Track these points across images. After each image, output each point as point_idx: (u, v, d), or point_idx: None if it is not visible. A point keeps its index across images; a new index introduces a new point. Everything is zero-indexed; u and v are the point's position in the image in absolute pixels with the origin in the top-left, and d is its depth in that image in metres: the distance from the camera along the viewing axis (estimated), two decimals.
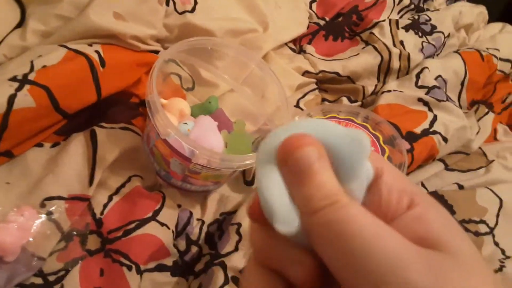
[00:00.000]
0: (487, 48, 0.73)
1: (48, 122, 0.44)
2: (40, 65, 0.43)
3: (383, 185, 0.17)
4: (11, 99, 0.39)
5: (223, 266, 0.42)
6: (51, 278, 0.37)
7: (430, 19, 0.74)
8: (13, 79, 0.41)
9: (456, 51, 0.70)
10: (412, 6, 0.79)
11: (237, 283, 0.41)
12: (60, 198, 0.40)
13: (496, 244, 0.53)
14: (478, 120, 0.66)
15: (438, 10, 0.80)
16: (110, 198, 0.44)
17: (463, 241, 0.16)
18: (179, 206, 0.47)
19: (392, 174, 0.18)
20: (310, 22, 0.75)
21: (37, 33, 0.49)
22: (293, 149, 0.16)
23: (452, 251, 0.15)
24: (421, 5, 0.82)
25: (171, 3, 0.55)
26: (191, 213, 0.48)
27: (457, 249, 0.15)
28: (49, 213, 0.39)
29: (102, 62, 0.47)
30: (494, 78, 0.74)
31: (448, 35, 0.75)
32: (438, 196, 0.54)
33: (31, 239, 0.36)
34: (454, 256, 0.15)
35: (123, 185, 0.45)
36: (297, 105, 0.64)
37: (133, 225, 0.42)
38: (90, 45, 0.48)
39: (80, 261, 0.38)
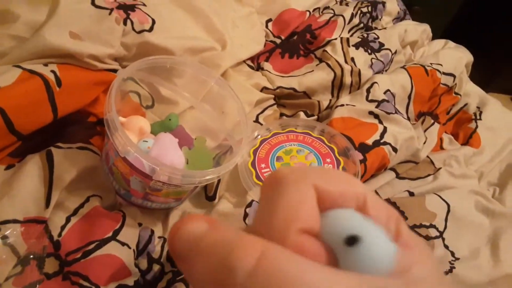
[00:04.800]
0: (431, 64, 0.78)
1: (2, 144, 0.43)
2: None
3: (370, 212, 0.17)
4: None
5: (186, 283, 0.42)
6: None
7: (378, 37, 0.79)
8: None
9: (403, 67, 0.75)
10: (361, 25, 0.83)
11: None
12: (15, 221, 0.39)
13: (446, 247, 0.57)
14: (425, 131, 0.71)
15: (385, 28, 0.85)
16: (68, 220, 0.43)
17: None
18: (140, 224, 0.47)
19: (375, 199, 0.17)
20: (266, 40, 0.78)
21: None
22: None
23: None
24: (370, 24, 0.86)
25: (128, 22, 0.55)
26: (152, 231, 0.47)
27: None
28: (4, 237, 0.37)
29: (58, 82, 0.46)
30: (439, 91, 0.79)
31: (395, 52, 0.80)
32: (390, 203, 0.57)
33: None
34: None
35: (81, 206, 0.44)
36: (256, 120, 0.65)
37: (92, 246, 0.41)
38: (46, 65, 0.47)
39: (37, 285, 0.37)
